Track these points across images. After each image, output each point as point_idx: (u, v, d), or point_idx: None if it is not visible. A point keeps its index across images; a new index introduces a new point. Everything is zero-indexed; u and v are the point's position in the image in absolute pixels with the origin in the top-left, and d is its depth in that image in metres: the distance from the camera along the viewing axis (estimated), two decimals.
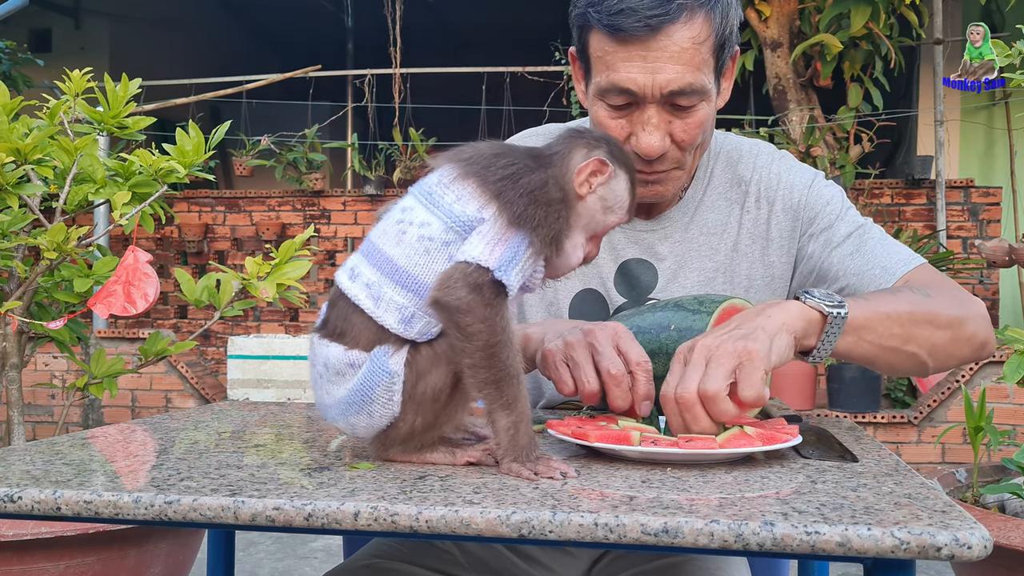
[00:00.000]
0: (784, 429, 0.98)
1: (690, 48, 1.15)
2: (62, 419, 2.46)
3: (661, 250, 1.35)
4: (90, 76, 2.09)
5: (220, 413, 1.31)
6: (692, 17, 1.15)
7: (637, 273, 1.35)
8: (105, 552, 2.11)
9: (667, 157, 1.23)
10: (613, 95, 1.19)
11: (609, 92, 1.20)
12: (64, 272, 2.12)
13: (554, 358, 1.11)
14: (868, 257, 1.27)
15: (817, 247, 1.32)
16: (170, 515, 0.76)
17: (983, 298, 5.64)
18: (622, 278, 1.35)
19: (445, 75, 6.49)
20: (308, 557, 3.67)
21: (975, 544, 0.67)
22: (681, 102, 1.18)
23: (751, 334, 0.98)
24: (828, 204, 1.33)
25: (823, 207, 1.33)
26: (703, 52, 1.16)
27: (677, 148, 1.23)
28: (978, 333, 1.18)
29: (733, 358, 0.95)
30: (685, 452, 0.90)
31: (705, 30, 1.16)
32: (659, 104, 1.18)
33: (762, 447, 0.91)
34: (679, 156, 1.24)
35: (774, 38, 5.30)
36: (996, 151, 6.09)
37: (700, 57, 1.16)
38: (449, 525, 0.73)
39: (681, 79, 1.16)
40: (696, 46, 1.16)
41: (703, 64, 1.17)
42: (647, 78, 1.16)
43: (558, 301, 1.37)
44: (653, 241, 1.35)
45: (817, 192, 1.34)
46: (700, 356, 0.96)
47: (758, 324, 1.00)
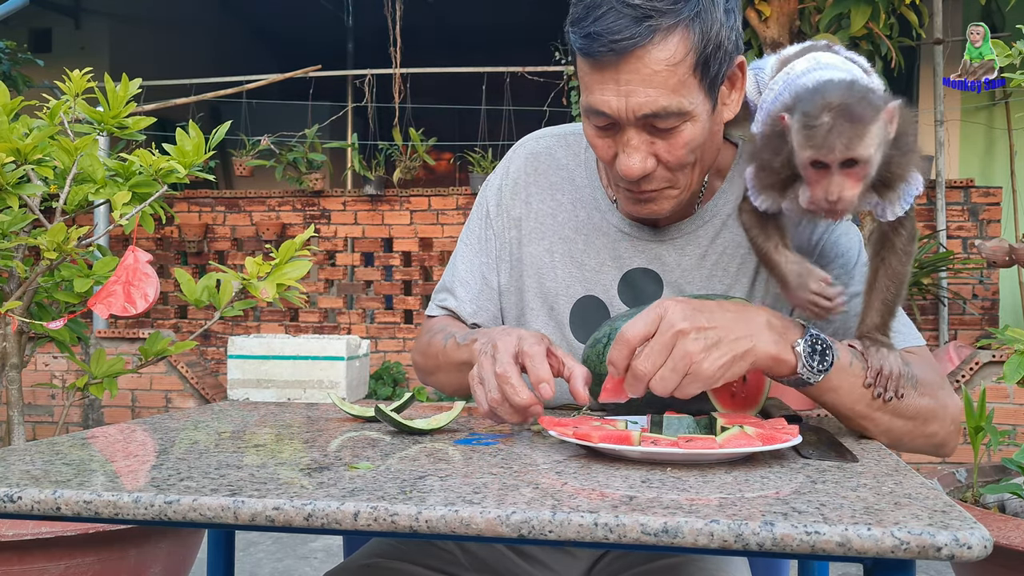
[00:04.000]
0: (784, 429, 0.98)
1: (664, 71, 1.11)
2: (62, 419, 2.46)
3: (669, 261, 1.32)
4: (90, 76, 2.09)
5: (220, 413, 1.31)
6: (666, 37, 1.10)
7: (641, 284, 1.33)
8: (105, 552, 2.11)
9: (655, 177, 1.20)
10: (593, 116, 1.18)
11: (589, 113, 1.18)
12: (64, 272, 2.12)
13: (471, 378, 1.11)
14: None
15: None
16: (170, 515, 0.76)
17: (983, 298, 5.64)
18: (626, 287, 1.33)
19: (445, 75, 6.49)
20: (308, 557, 3.67)
21: (975, 544, 0.67)
22: (659, 124, 1.15)
23: (719, 345, 0.99)
24: (843, 255, 1.29)
25: (836, 257, 1.29)
26: (680, 73, 1.12)
27: (665, 169, 1.20)
28: (938, 432, 1.14)
29: (686, 365, 0.97)
30: (685, 452, 0.90)
31: (682, 50, 1.11)
32: (637, 127, 1.15)
33: (762, 447, 0.91)
34: (668, 176, 1.21)
35: (774, 38, 5.30)
36: (996, 151, 6.09)
37: (676, 79, 1.12)
38: (449, 525, 0.73)
39: (654, 103, 1.12)
40: (671, 68, 1.11)
41: (680, 86, 1.12)
42: (620, 102, 1.13)
43: (559, 305, 1.36)
44: (661, 252, 1.33)
45: (834, 239, 1.30)
46: (668, 339, 0.98)
47: (736, 336, 1.00)
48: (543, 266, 1.37)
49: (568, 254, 1.36)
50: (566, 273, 1.36)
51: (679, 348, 0.98)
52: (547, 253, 1.37)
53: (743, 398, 1.13)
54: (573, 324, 1.34)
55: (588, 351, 1.21)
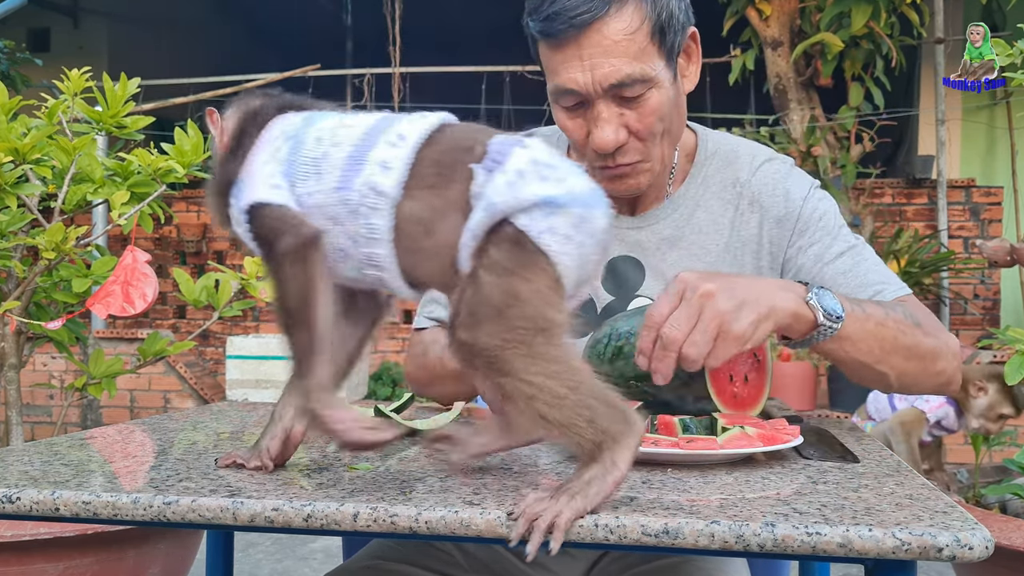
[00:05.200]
0: (785, 430, 0.98)
1: (623, 40, 1.17)
2: (61, 419, 2.45)
3: (648, 247, 1.35)
4: (88, 75, 2.09)
5: (219, 413, 1.31)
6: (621, 8, 1.17)
7: (624, 271, 1.35)
8: (103, 553, 2.10)
9: (628, 149, 1.24)
10: (562, 97, 1.23)
11: (558, 95, 1.23)
12: (63, 272, 2.12)
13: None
14: (862, 279, 1.28)
15: (808, 261, 1.31)
16: (169, 516, 0.76)
17: (984, 298, 5.64)
18: (609, 276, 1.35)
19: (445, 75, 6.49)
20: (307, 558, 3.67)
21: (976, 545, 0.66)
22: (626, 94, 1.20)
23: (745, 306, 0.99)
24: (821, 219, 1.33)
25: (815, 221, 1.33)
26: (639, 40, 1.18)
27: (637, 139, 1.24)
28: (946, 370, 1.21)
29: (717, 325, 0.97)
30: (686, 452, 0.89)
31: (637, 18, 1.17)
32: (606, 99, 1.20)
33: (763, 448, 0.91)
34: (641, 147, 1.25)
35: (775, 37, 5.30)
36: (997, 151, 6.08)
37: (636, 46, 1.18)
38: (449, 526, 0.72)
39: (618, 72, 1.17)
40: (629, 36, 1.17)
41: (641, 53, 1.18)
42: (586, 76, 1.18)
43: None
44: (640, 238, 1.35)
45: (812, 205, 1.34)
46: (695, 303, 0.97)
47: (756, 297, 1.01)
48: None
49: None
50: None
51: (708, 309, 0.97)
52: None
53: (744, 398, 1.13)
54: None
55: (588, 352, 1.20)
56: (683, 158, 1.38)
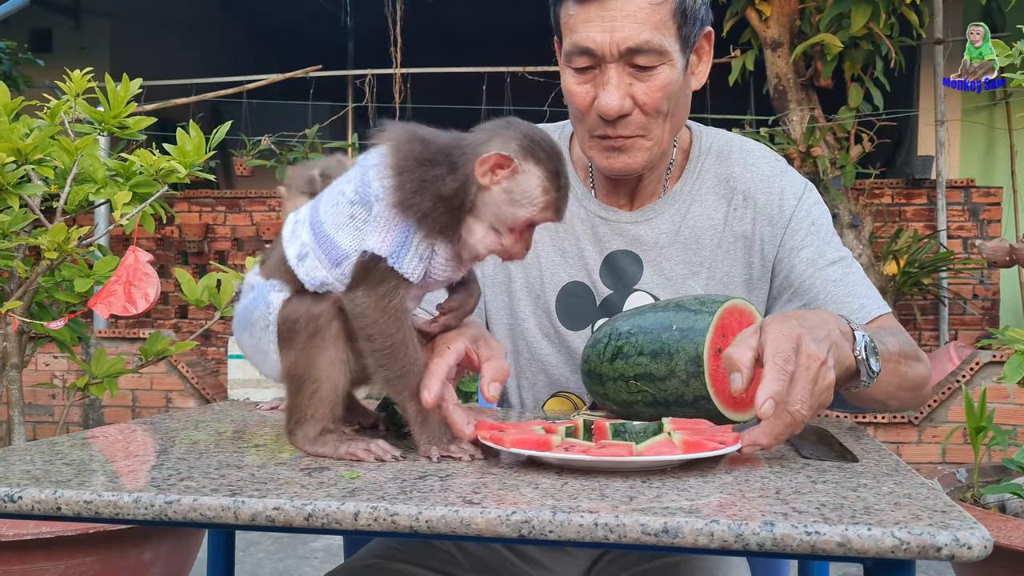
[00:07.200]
0: (720, 437, 0.92)
1: (647, 8, 1.20)
2: (62, 419, 2.46)
3: (647, 241, 1.36)
4: (91, 76, 2.09)
5: (220, 413, 1.31)
6: None
7: (623, 264, 1.36)
8: (105, 552, 2.11)
9: (630, 121, 1.25)
10: (576, 57, 1.24)
11: (572, 54, 1.24)
12: (65, 272, 2.12)
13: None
14: (851, 290, 1.28)
15: (800, 263, 1.31)
16: (170, 515, 0.76)
17: (983, 298, 5.64)
18: (608, 270, 1.36)
19: (445, 75, 6.49)
20: (308, 557, 3.67)
21: (975, 544, 0.67)
22: (640, 61, 1.21)
23: (831, 357, 0.94)
24: (814, 224, 1.34)
25: (808, 225, 1.33)
26: (661, 12, 1.21)
27: (641, 112, 1.25)
28: (929, 392, 1.28)
29: (828, 395, 0.94)
30: (592, 459, 0.85)
31: None
32: (619, 64, 1.22)
33: (681, 456, 0.87)
34: (643, 121, 1.26)
35: (774, 38, 5.30)
36: (997, 151, 6.09)
37: (658, 17, 1.20)
38: (449, 525, 0.73)
39: (638, 36, 1.20)
40: (654, 6, 1.20)
41: (661, 24, 1.21)
42: (604, 36, 1.20)
43: (545, 294, 1.38)
44: (638, 233, 1.36)
45: (805, 208, 1.34)
46: (809, 372, 0.91)
47: (837, 351, 0.97)
48: (527, 256, 1.38)
49: (550, 242, 1.39)
50: (549, 261, 1.39)
51: (822, 380, 0.92)
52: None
53: (744, 399, 1.13)
54: (559, 312, 1.37)
55: (588, 351, 1.21)
56: (680, 154, 1.40)
